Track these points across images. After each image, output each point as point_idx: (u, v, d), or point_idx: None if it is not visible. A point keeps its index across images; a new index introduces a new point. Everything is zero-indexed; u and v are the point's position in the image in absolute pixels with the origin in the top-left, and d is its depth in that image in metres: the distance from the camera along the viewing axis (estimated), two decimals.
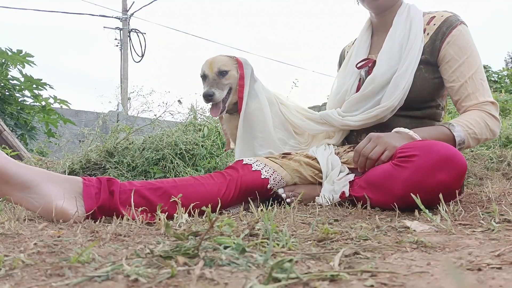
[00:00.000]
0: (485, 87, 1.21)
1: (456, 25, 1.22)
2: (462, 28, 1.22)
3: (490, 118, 1.19)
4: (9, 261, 0.49)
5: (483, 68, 1.23)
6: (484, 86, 1.21)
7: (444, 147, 0.97)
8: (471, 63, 1.20)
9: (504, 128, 2.66)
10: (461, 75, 1.20)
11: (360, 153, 1.11)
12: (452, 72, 1.22)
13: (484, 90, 1.21)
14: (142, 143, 2.34)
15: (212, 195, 1.08)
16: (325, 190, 1.22)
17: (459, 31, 1.21)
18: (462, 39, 1.21)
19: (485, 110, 1.19)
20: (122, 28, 12.07)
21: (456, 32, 1.21)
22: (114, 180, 0.98)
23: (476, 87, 1.20)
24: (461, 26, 1.22)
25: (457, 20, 1.23)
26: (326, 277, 0.42)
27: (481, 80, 1.21)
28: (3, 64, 4.11)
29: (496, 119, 1.20)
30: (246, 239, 0.62)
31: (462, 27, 1.22)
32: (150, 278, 0.43)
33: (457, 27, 1.21)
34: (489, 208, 0.96)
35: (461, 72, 1.20)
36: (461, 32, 1.21)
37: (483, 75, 1.22)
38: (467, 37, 1.21)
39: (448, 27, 1.22)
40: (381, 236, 0.69)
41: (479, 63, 1.22)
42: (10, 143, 3.61)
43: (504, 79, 8.94)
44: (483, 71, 1.23)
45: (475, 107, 1.20)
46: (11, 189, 0.89)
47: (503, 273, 0.44)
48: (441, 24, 1.23)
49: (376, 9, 1.33)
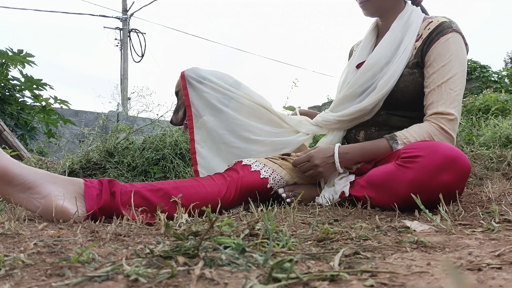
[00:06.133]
0: (452, 97, 1.16)
1: (446, 32, 1.20)
2: (451, 36, 1.19)
3: (440, 133, 1.14)
4: (9, 261, 0.49)
5: (460, 79, 1.17)
6: (450, 96, 1.16)
7: (448, 148, 0.97)
8: (444, 71, 1.17)
9: (504, 128, 2.66)
10: (432, 82, 1.19)
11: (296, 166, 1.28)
12: (427, 78, 1.21)
13: (449, 100, 1.16)
14: (142, 143, 2.34)
15: (212, 196, 1.08)
16: (325, 190, 1.22)
17: (446, 39, 1.19)
18: (445, 47, 1.19)
19: (438, 124, 1.15)
20: (122, 28, 12.09)
21: (443, 39, 1.19)
22: (115, 181, 0.98)
23: (441, 96, 1.17)
24: (451, 34, 1.19)
25: (449, 27, 1.20)
26: (326, 277, 0.42)
27: (450, 90, 1.16)
28: (4, 64, 4.11)
29: (448, 134, 1.14)
30: (246, 239, 0.62)
31: (451, 35, 1.19)
32: (150, 278, 0.43)
33: (446, 35, 1.19)
34: (489, 208, 0.96)
35: (433, 79, 1.19)
36: (447, 40, 1.19)
37: (456, 86, 1.17)
38: (450, 46, 1.19)
39: (438, 33, 1.21)
40: (381, 236, 0.69)
41: (454, 72, 1.17)
42: (10, 143, 3.61)
43: (504, 79, 8.95)
44: (458, 82, 1.17)
45: (431, 117, 1.17)
46: (13, 190, 0.89)
47: (503, 273, 0.44)
48: (434, 29, 1.22)
49: (371, 15, 1.35)
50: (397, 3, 1.32)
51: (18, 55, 4.10)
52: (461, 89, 1.18)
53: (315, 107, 8.26)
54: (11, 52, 4.08)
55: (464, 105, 4.21)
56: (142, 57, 11.86)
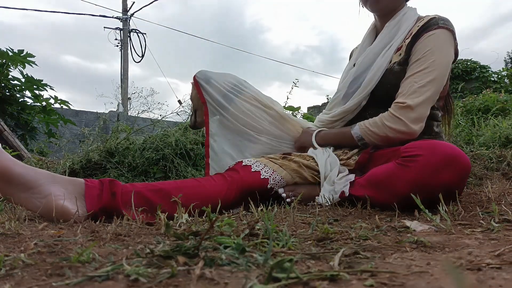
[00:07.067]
0: (413, 89, 1.17)
1: (431, 28, 1.21)
2: (435, 32, 1.20)
3: (390, 117, 1.19)
4: (10, 261, 0.49)
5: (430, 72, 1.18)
6: (412, 88, 1.18)
7: (448, 147, 0.98)
8: (418, 64, 1.19)
9: (504, 128, 2.66)
10: (405, 75, 1.22)
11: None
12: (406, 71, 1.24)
13: (409, 92, 1.18)
14: (143, 143, 2.34)
15: (213, 196, 1.08)
16: (325, 190, 1.22)
17: (429, 35, 1.20)
18: (425, 43, 1.20)
19: (390, 110, 1.20)
20: (122, 28, 12.09)
21: (426, 35, 1.21)
22: (116, 181, 0.98)
23: (404, 87, 1.20)
24: (435, 30, 1.20)
25: (436, 24, 1.21)
26: (326, 277, 0.42)
27: (414, 83, 1.18)
28: (4, 65, 4.11)
29: (397, 118, 1.18)
30: (246, 239, 0.62)
31: (437, 31, 1.20)
32: (150, 278, 0.43)
33: (430, 31, 1.20)
34: (489, 208, 0.96)
35: (406, 73, 1.22)
36: (432, 35, 1.20)
37: (422, 79, 1.17)
38: (433, 42, 1.19)
39: (425, 28, 1.22)
40: (381, 236, 0.69)
41: (425, 66, 1.18)
42: (10, 143, 3.62)
43: (504, 79, 8.95)
44: (428, 75, 1.17)
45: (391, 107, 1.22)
46: (14, 190, 0.89)
47: (503, 273, 0.44)
48: (422, 26, 1.24)
49: (379, 12, 1.36)
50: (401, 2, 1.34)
51: (18, 55, 4.10)
52: (430, 82, 1.18)
53: (315, 107, 8.26)
54: (11, 52, 4.08)
55: (464, 105, 4.21)
56: (142, 57, 11.87)
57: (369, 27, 1.47)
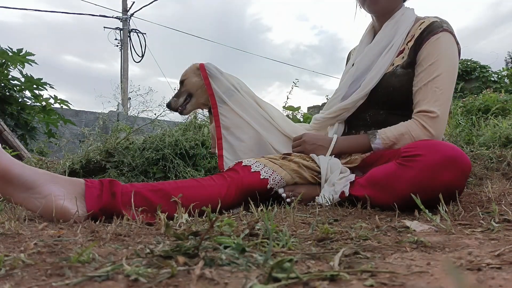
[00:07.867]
0: (437, 96, 1.17)
1: (436, 31, 1.21)
2: (441, 35, 1.20)
3: (419, 129, 1.17)
4: (9, 261, 0.49)
5: (446, 78, 1.18)
6: (436, 95, 1.17)
7: (449, 147, 0.98)
8: (432, 69, 1.18)
9: (504, 128, 2.66)
10: (419, 80, 1.21)
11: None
12: (416, 76, 1.23)
13: (434, 99, 1.17)
14: (143, 143, 2.34)
15: (213, 196, 1.08)
16: (325, 190, 1.22)
17: (436, 38, 1.20)
18: (434, 46, 1.20)
19: (419, 120, 1.18)
20: (122, 28, 12.09)
21: (433, 38, 1.20)
22: (116, 182, 0.98)
23: (426, 94, 1.18)
24: (441, 34, 1.20)
25: (440, 27, 1.21)
26: (326, 277, 0.42)
27: (436, 88, 1.17)
28: (3, 64, 4.10)
29: (426, 131, 1.17)
30: (246, 239, 0.62)
31: (442, 35, 1.20)
32: (150, 278, 0.43)
33: (436, 34, 1.20)
34: (489, 208, 0.96)
35: (421, 78, 1.20)
36: (438, 39, 1.20)
37: (441, 84, 1.17)
38: (440, 45, 1.19)
39: (429, 32, 1.22)
40: (381, 236, 0.69)
41: (441, 71, 1.18)
42: (10, 143, 3.61)
43: (504, 79, 8.95)
44: (445, 80, 1.18)
45: (415, 115, 1.20)
46: (14, 190, 0.89)
47: (503, 273, 0.44)
48: (425, 28, 1.24)
49: (377, 13, 1.35)
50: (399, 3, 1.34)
51: (17, 54, 4.09)
52: (448, 88, 1.19)
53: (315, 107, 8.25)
54: (11, 52, 4.08)
55: (464, 105, 4.21)
56: (142, 57, 11.87)
57: (367, 28, 1.47)
